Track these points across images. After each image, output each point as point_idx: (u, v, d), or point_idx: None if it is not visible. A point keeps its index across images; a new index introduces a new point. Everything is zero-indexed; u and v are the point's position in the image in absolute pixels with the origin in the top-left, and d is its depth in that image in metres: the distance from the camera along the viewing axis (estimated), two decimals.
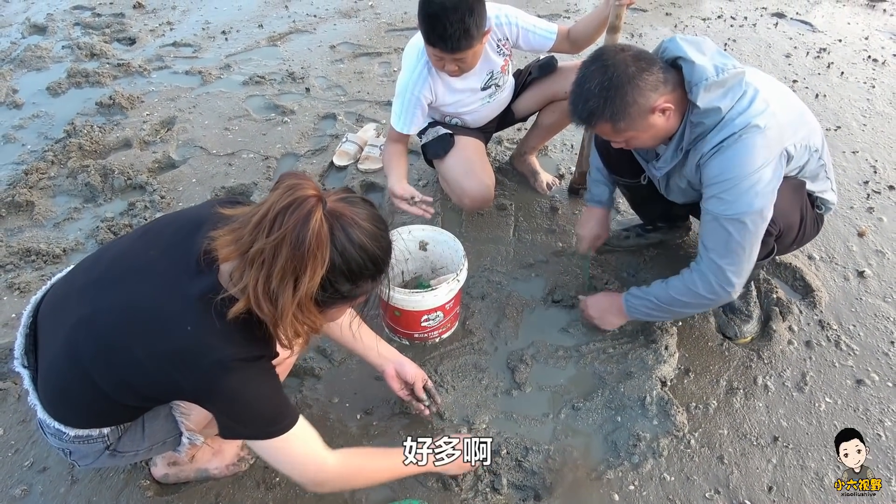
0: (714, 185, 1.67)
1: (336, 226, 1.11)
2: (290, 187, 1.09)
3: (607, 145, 2.06)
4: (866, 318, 2.19)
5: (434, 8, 1.93)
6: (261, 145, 3.13)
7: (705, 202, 1.72)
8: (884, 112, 3.39)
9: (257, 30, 4.40)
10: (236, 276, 1.14)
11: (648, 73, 1.58)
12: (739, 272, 1.74)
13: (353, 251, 1.13)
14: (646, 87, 1.58)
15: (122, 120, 3.34)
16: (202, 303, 1.16)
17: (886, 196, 2.77)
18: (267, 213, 1.08)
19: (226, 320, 1.16)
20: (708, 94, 1.59)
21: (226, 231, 1.15)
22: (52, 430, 1.31)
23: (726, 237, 1.68)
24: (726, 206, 1.65)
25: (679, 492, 1.71)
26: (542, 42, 2.31)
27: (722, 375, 2.01)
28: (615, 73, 1.57)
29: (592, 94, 1.60)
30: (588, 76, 1.62)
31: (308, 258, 1.07)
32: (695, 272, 1.79)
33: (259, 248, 1.07)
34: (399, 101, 2.28)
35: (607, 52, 1.62)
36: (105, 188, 2.82)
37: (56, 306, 1.31)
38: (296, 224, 1.06)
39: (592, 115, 1.63)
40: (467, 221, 2.62)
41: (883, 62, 3.91)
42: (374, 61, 3.95)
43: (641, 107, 1.59)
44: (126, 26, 4.45)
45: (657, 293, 1.89)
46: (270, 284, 1.09)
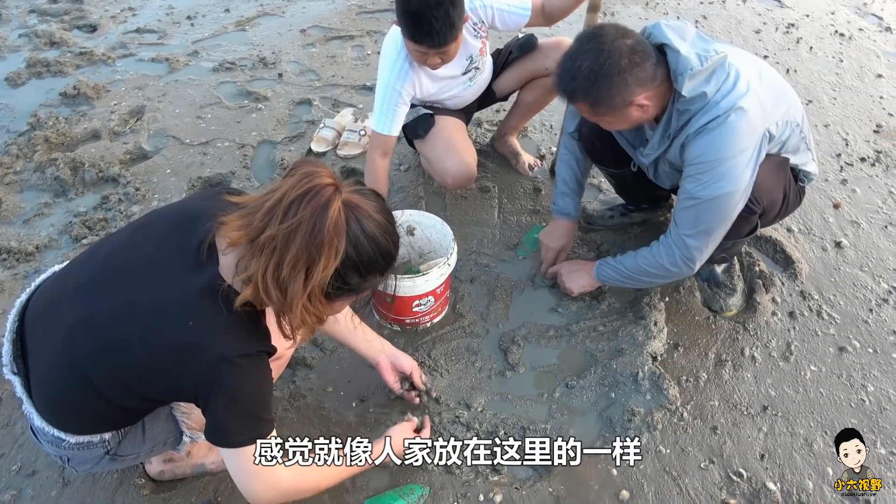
0: (693, 166, 1.69)
1: (351, 217, 1.09)
2: (307, 174, 1.06)
3: (593, 139, 2.07)
4: (845, 288, 2.25)
5: (417, 5, 1.89)
6: (235, 133, 3.06)
7: (683, 180, 1.75)
8: (852, 86, 3.46)
9: (224, 14, 4.28)
10: (243, 264, 1.11)
11: (640, 68, 1.58)
12: (703, 250, 1.80)
13: (366, 244, 1.11)
14: (633, 83, 1.58)
15: (88, 110, 3.22)
16: (204, 297, 1.13)
17: (859, 168, 2.83)
18: (281, 200, 1.06)
19: (228, 314, 1.14)
20: (692, 83, 1.60)
21: (235, 216, 1.12)
22: (49, 438, 1.27)
23: (696, 217, 1.73)
24: (702, 188, 1.68)
25: (675, 463, 1.74)
26: (518, 20, 2.29)
27: (710, 348, 2.04)
28: (608, 60, 1.56)
29: (580, 74, 1.60)
30: (581, 53, 1.60)
31: (324, 248, 1.05)
32: (662, 245, 1.87)
33: (271, 234, 1.05)
34: (381, 101, 2.21)
35: (607, 34, 1.59)
36: (76, 182, 2.73)
37: (47, 309, 1.26)
38: (313, 212, 1.04)
39: (575, 94, 1.65)
40: (451, 205, 2.60)
41: (849, 36, 3.98)
42: (347, 45, 3.89)
43: (623, 99, 1.61)
44: (85, 13, 4.29)
45: (626, 262, 1.97)
46: (281, 272, 1.07)
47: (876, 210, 2.60)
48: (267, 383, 1.24)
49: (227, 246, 1.14)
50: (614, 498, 1.67)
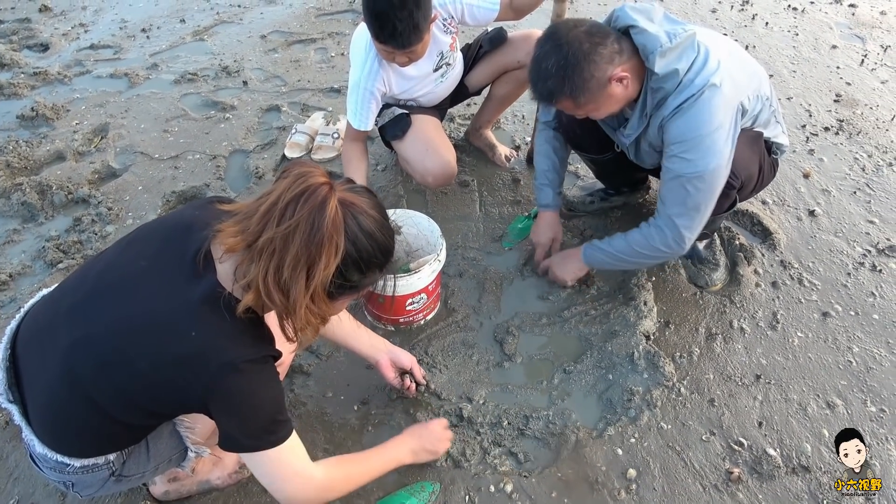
0: (676, 145, 1.72)
1: (348, 214, 1.09)
2: (301, 175, 1.06)
3: (573, 126, 2.09)
4: (822, 254, 2.32)
5: (381, 6, 1.90)
6: (206, 145, 3.01)
7: (667, 160, 1.76)
8: (809, 58, 3.55)
9: (180, 25, 4.20)
10: (242, 270, 1.11)
11: (603, 46, 1.61)
12: (693, 228, 1.82)
13: (364, 240, 1.12)
14: (601, 61, 1.60)
15: (49, 132, 3.13)
16: (205, 306, 1.12)
17: (823, 137, 2.92)
18: (277, 203, 1.05)
19: (231, 321, 1.13)
20: (664, 60, 1.63)
21: (231, 223, 1.11)
22: (52, 464, 1.24)
23: (685, 195, 1.75)
24: (687, 165, 1.70)
25: (677, 438, 1.77)
26: (487, 14, 2.30)
27: (700, 323, 2.08)
28: (570, 50, 1.58)
29: (550, 74, 1.62)
30: (544, 55, 1.63)
31: (323, 246, 1.05)
32: (652, 227, 1.87)
33: (269, 237, 1.05)
34: (353, 98, 2.24)
35: (560, 30, 1.63)
36: (45, 205, 2.65)
37: (41, 333, 1.22)
38: (311, 212, 1.03)
39: (553, 94, 1.65)
40: (432, 201, 2.60)
41: (802, 10, 4.09)
42: (310, 48, 3.85)
43: (599, 80, 1.62)
44: (35, 32, 4.17)
45: (617, 244, 1.96)
46: (282, 274, 1.06)
47: (844, 177, 2.68)
48: (276, 386, 1.23)
49: (223, 253, 1.13)
50: (622, 477, 1.69)
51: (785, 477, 1.68)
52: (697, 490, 1.66)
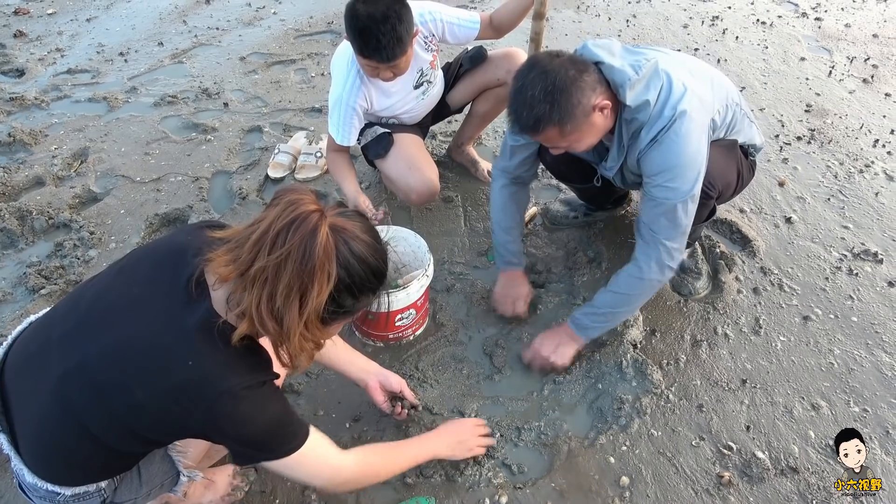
0: (658, 175, 1.71)
1: (340, 240, 1.09)
2: (292, 203, 1.06)
3: (558, 164, 2.08)
4: (801, 260, 2.37)
5: (364, 22, 1.93)
6: (188, 167, 3.00)
7: (652, 189, 1.74)
8: (779, 70, 3.65)
9: (158, 48, 4.19)
10: (235, 298, 1.10)
11: (587, 73, 1.61)
12: (681, 248, 1.82)
13: (356, 265, 1.11)
14: (586, 87, 1.60)
15: (27, 157, 3.10)
16: (201, 333, 1.11)
17: (796, 146, 3.00)
18: (268, 231, 1.05)
19: (226, 350, 1.12)
20: (633, 92, 1.64)
21: (222, 252, 1.10)
22: (42, 494, 1.22)
23: (675, 220, 1.74)
24: (674, 193, 1.70)
25: (668, 444, 1.79)
26: (468, 33, 2.34)
27: (685, 331, 2.12)
28: (557, 77, 1.57)
29: (537, 100, 1.58)
30: (528, 84, 1.59)
31: (316, 274, 1.05)
32: (641, 261, 1.81)
33: (261, 266, 1.04)
34: (335, 114, 2.27)
35: (542, 60, 1.62)
36: (24, 231, 2.62)
37: (31, 360, 1.21)
38: (302, 240, 1.03)
39: (540, 121, 1.60)
40: (417, 218, 2.62)
41: (770, 24, 4.21)
42: (289, 69, 3.87)
43: (584, 108, 1.60)
44: (10, 57, 4.13)
45: (603, 300, 1.89)
46: (275, 303, 1.06)
47: (818, 184, 2.76)
48: (279, 402, 1.24)
49: (216, 281, 1.13)
50: (615, 485, 1.70)
51: (774, 479, 1.71)
52: (689, 495, 1.68)
